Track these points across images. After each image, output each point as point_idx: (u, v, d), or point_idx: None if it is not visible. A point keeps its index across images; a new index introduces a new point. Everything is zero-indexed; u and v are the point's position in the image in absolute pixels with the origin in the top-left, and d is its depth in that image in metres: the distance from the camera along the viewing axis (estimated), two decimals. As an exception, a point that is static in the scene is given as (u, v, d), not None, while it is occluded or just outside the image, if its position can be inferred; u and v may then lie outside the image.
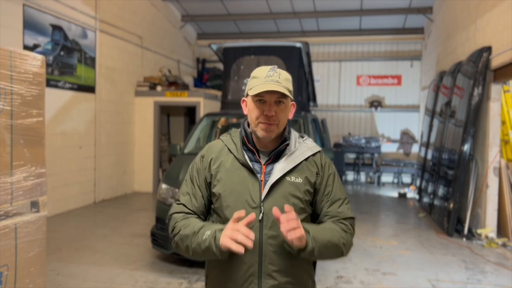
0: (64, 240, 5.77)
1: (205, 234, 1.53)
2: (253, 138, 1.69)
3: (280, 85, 1.57)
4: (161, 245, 4.75)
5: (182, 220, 1.67)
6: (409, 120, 12.51)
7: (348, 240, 1.65)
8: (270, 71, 1.61)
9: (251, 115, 1.65)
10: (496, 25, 6.13)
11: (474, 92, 6.25)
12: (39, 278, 2.61)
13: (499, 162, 6.20)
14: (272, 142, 1.68)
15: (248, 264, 1.59)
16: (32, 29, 6.57)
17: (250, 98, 1.64)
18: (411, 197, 9.87)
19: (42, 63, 2.64)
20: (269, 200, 1.60)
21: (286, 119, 1.68)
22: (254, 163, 1.67)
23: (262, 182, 1.63)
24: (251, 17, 12.01)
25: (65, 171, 7.40)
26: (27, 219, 2.50)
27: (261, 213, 1.59)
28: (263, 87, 1.56)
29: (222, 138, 1.78)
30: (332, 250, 1.60)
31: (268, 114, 1.59)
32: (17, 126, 2.45)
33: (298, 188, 1.64)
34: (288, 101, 1.65)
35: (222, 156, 1.71)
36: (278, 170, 1.63)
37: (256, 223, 1.58)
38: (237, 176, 1.65)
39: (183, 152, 5.62)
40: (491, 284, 4.51)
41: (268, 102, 1.60)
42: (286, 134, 1.71)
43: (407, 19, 11.63)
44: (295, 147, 1.71)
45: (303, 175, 1.66)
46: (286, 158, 1.66)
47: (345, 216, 1.69)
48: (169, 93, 9.67)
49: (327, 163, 1.75)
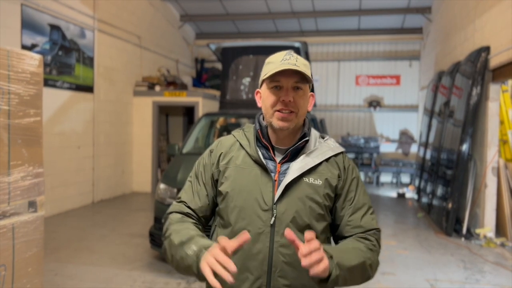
0: (62, 240, 5.76)
1: (190, 249, 1.31)
2: (268, 132, 1.52)
3: (298, 68, 1.40)
4: (159, 245, 4.73)
5: (176, 223, 1.47)
6: (408, 120, 12.51)
7: (374, 260, 1.44)
8: (286, 55, 1.45)
9: (266, 104, 1.47)
10: (494, 25, 6.13)
11: (473, 92, 6.26)
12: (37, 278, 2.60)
13: (498, 162, 6.20)
14: (289, 138, 1.50)
15: (255, 276, 1.40)
16: (30, 28, 6.55)
17: (265, 86, 1.48)
18: (410, 197, 9.88)
19: (40, 63, 2.64)
20: (283, 203, 1.42)
21: (306, 109, 1.50)
22: (268, 161, 1.49)
23: (276, 182, 1.45)
24: (250, 17, 12.00)
25: (63, 171, 7.39)
26: (25, 219, 2.50)
27: (273, 217, 1.41)
28: (279, 67, 1.40)
29: (233, 133, 1.61)
30: (358, 275, 1.38)
31: (286, 100, 1.41)
32: (15, 125, 2.45)
33: (317, 190, 1.45)
34: (307, 88, 1.47)
35: (233, 152, 1.54)
36: (295, 169, 1.44)
37: (267, 228, 1.41)
38: (248, 174, 1.47)
39: (181, 152, 5.61)
40: (489, 284, 4.52)
41: (285, 87, 1.42)
42: (306, 130, 1.52)
43: (406, 19, 11.63)
44: (315, 146, 1.52)
45: (323, 177, 1.47)
46: (305, 157, 1.47)
47: (370, 228, 1.48)
48: (168, 93, 9.66)
49: (351, 166, 1.55)
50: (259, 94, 1.55)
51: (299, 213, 1.41)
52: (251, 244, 1.38)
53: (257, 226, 1.41)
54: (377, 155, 12.23)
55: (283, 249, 1.39)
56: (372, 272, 1.42)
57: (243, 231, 1.23)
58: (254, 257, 1.40)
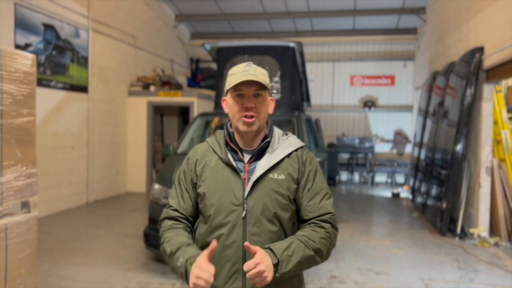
0: (56, 241, 5.73)
1: (178, 260, 1.57)
2: (236, 137, 1.72)
3: (257, 77, 1.60)
4: (154, 246, 4.72)
5: (167, 230, 1.71)
6: (402, 120, 12.56)
7: (325, 248, 1.64)
8: (246, 67, 1.65)
9: (231, 111, 1.68)
10: (488, 25, 6.17)
11: (467, 92, 6.29)
12: (30, 279, 2.59)
13: (492, 161, 6.24)
14: (254, 140, 1.71)
15: (232, 262, 1.62)
16: (23, 28, 6.51)
17: (230, 95, 1.68)
18: (404, 197, 9.91)
19: (33, 62, 2.62)
20: (252, 197, 1.62)
21: (266, 113, 1.70)
22: (237, 162, 1.69)
23: (246, 180, 1.65)
24: (245, 17, 12.00)
25: (57, 171, 7.35)
26: (18, 219, 2.48)
27: (245, 211, 1.62)
28: (240, 79, 1.60)
29: (207, 139, 1.82)
30: (306, 265, 1.61)
31: (248, 106, 1.62)
32: (8, 125, 2.43)
33: (280, 184, 1.65)
34: (266, 94, 1.68)
35: (207, 157, 1.74)
36: (260, 167, 1.65)
37: (239, 220, 1.62)
38: (221, 175, 1.67)
39: (176, 152, 5.60)
40: (483, 283, 4.54)
41: (246, 95, 1.63)
42: (267, 131, 1.73)
43: (401, 19, 11.68)
44: (278, 143, 1.72)
45: (286, 172, 1.67)
46: (268, 155, 1.68)
47: (325, 212, 1.68)
48: (163, 93, 9.63)
49: (309, 158, 1.75)
50: (225, 102, 1.73)
51: (266, 205, 1.62)
52: (227, 235, 1.62)
53: (232, 219, 1.62)
54: (371, 155, 12.27)
55: (255, 237, 1.61)
56: (322, 258, 1.64)
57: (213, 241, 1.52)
58: (231, 245, 1.62)
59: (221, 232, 1.63)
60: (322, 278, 4.55)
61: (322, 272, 4.72)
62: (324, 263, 4.94)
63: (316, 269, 4.80)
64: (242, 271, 1.59)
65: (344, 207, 8.66)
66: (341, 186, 11.68)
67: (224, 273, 1.62)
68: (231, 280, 1.62)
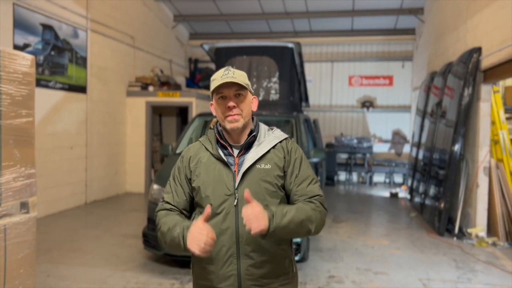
0: (55, 241, 5.73)
1: (175, 231, 1.70)
2: (225, 135, 1.88)
3: (235, 79, 1.76)
4: (153, 246, 4.72)
5: (163, 217, 1.83)
6: (400, 121, 12.58)
7: (317, 218, 1.76)
8: (225, 71, 1.80)
9: (218, 113, 1.84)
10: (486, 26, 6.18)
11: (465, 92, 6.31)
12: (29, 279, 2.59)
13: (489, 162, 6.26)
14: (242, 136, 1.86)
15: (227, 246, 1.77)
16: (22, 28, 6.51)
17: (214, 98, 1.84)
18: (402, 197, 9.93)
19: (32, 63, 2.62)
20: (242, 187, 1.77)
21: (250, 110, 1.86)
22: (228, 157, 1.85)
23: (236, 172, 1.81)
24: (243, 17, 12.00)
25: (56, 171, 7.35)
26: (17, 220, 2.48)
27: (236, 199, 1.77)
28: (219, 82, 1.76)
29: (200, 139, 1.98)
30: (298, 229, 1.71)
31: (230, 105, 1.77)
32: (7, 126, 2.43)
33: (268, 173, 1.81)
34: (247, 93, 1.84)
35: (200, 154, 1.90)
36: (248, 159, 1.81)
37: (232, 209, 1.78)
38: (213, 169, 1.83)
39: (175, 152, 5.60)
40: (481, 283, 4.56)
41: (228, 96, 1.79)
42: (253, 127, 1.88)
43: (399, 19, 11.70)
44: (264, 137, 1.88)
45: (272, 161, 1.83)
46: (256, 148, 1.84)
47: (314, 194, 1.82)
48: (161, 93, 9.64)
49: (294, 148, 1.90)
50: (212, 106, 1.89)
51: (256, 193, 1.75)
52: (221, 223, 1.77)
53: (225, 208, 1.78)
54: (370, 155, 12.28)
55: None
56: (313, 227, 1.75)
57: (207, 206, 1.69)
58: (225, 232, 1.77)
59: (216, 220, 1.77)
60: (320, 278, 4.56)
61: (321, 272, 4.73)
62: (322, 263, 4.96)
63: (315, 268, 4.81)
64: (236, 255, 1.77)
65: (342, 207, 8.67)
66: (339, 186, 11.70)
67: (220, 257, 1.78)
68: (227, 264, 1.78)
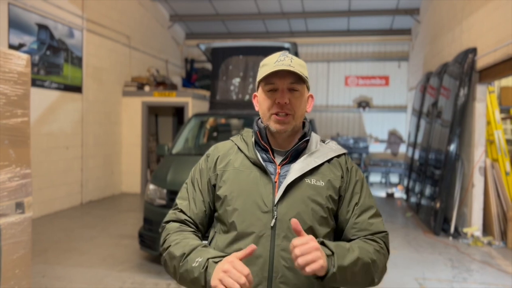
0: (50, 241, 5.70)
1: (195, 261, 1.27)
2: (267, 135, 1.47)
3: (292, 68, 1.36)
4: (148, 246, 4.72)
5: (174, 233, 1.42)
6: (396, 121, 12.63)
7: (381, 263, 1.35)
8: (281, 56, 1.41)
9: (262, 107, 1.44)
10: (481, 26, 6.21)
11: (460, 92, 6.34)
12: (24, 280, 2.58)
13: (485, 161, 6.28)
14: (288, 141, 1.46)
15: (255, 282, 1.30)
16: (17, 28, 6.48)
17: (260, 89, 1.44)
18: (398, 197, 9.96)
19: (27, 63, 2.61)
20: (283, 204, 1.35)
21: (304, 111, 1.44)
22: (267, 163, 1.44)
23: (276, 183, 1.39)
24: (240, 17, 12.01)
25: (51, 172, 7.32)
26: (12, 220, 2.47)
27: (274, 219, 1.34)
28: (273, 69, 1.37)
29: (231, 138, 1.57)
30: (361, 277, 1.29)
31: (281, 102, 1.37)
32: (2, 126, 2.42)
33: (319, 192, 1.39)
34: (304, 89, 1.43)
35: (231, 155, 1.49)
36: (296, 170, 1.39)
37: (267, 231, 1.34)
38: (247, 176, 1.42)
39: (171, 152, 5.59)
40: (476, 282, 4.58)
41: (280, 89, 1.38)
42: (306, 130, 1.48)
43: (395, 20, 11.74)
44: (316, 147, 1.47)
45: (326, 178, 1.41)
46: (306, 157, 1.42)
47: (377, 230, 1.40)
48: (157, 93, 9.62)
49: (354, 167, 1.49)
50: (256, 98, 1.50)
51: (301, 215, 1.34)
52: None
53: (257, 229, 1.34)
54: (366, 155, 12.31)
55: (285, 253, 1.32)
56: (377, 276, 1.34)
57: (250, 245, 1.20)
58: (254, 261, 1.31)
59: (244, 244, 1.32)
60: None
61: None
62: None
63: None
64: None
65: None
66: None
67: None
68: None
